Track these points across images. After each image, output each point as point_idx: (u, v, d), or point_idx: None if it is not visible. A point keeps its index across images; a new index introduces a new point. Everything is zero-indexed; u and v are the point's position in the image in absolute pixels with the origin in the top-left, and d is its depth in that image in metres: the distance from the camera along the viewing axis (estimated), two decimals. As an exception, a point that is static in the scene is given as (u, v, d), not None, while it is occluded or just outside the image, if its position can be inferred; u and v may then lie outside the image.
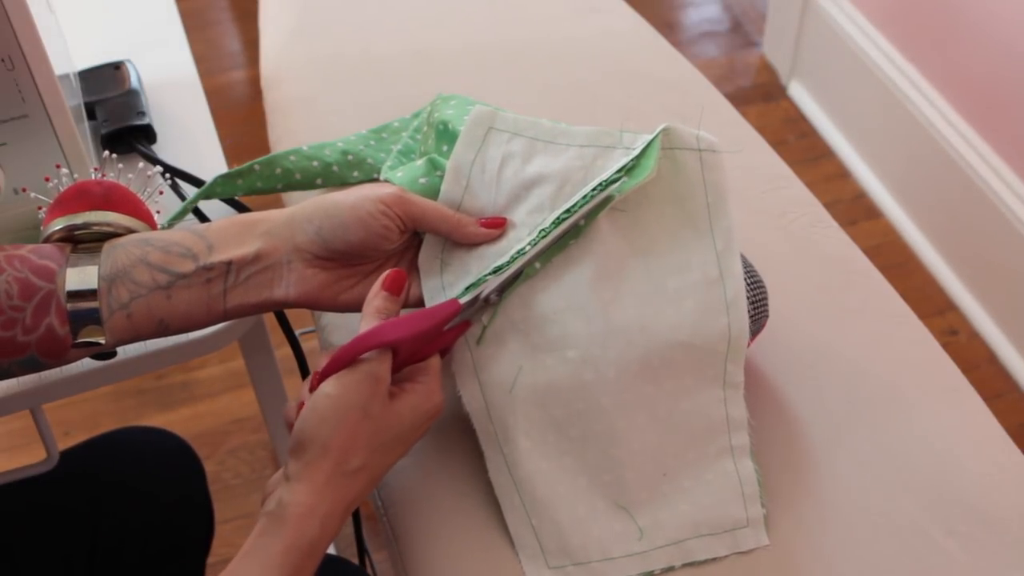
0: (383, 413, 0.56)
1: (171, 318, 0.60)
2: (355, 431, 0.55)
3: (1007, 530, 0.62)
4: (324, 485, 0.54)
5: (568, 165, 0.64)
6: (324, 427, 0.54)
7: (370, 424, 0.55)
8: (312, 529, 0.54)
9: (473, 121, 0.66)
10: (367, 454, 0.56)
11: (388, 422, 0.56)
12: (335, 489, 0.55)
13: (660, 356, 0.62)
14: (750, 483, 0.63)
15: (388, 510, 0.66)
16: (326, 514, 0.54)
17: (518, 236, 0.64)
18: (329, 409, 0.55)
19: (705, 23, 2.26)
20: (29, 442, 1.49)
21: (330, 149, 0.80)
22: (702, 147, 0.64)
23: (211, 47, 2.18)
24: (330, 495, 0.54)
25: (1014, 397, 1.55)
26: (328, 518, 0.54)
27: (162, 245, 0.60)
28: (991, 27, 1.50)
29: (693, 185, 0.64)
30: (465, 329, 0.62)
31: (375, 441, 0.56)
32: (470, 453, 0.64)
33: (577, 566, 0.61)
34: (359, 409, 0.55)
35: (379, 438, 0.56)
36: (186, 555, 0.93)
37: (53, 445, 0.78)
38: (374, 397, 0.56)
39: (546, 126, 0.67)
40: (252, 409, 1.56)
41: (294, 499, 0.54)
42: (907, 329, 0.73)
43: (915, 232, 1.75)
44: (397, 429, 0.57)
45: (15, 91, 0.69)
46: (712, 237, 0.63)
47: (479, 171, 0.65)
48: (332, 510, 0.55)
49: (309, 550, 0.53)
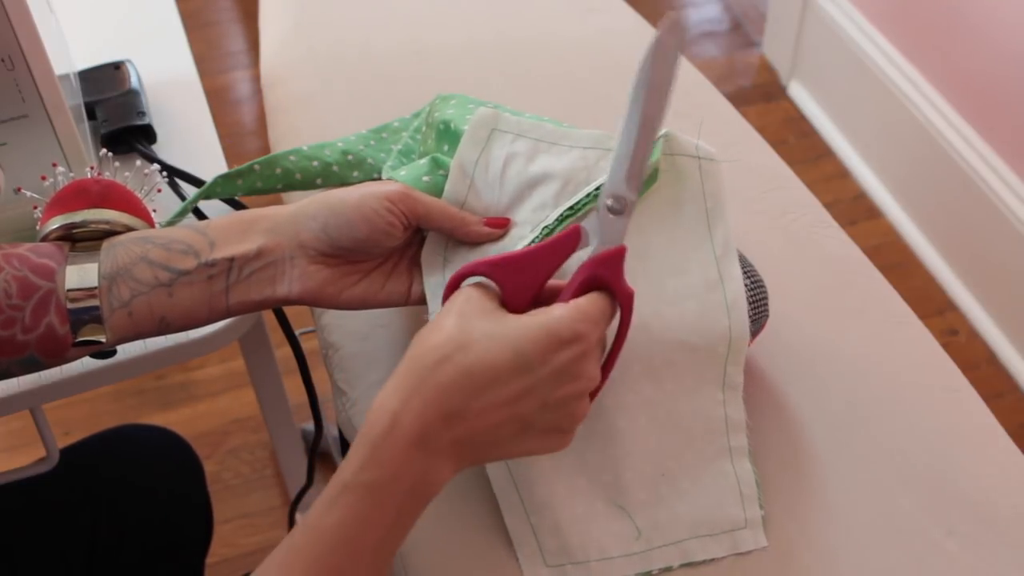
0: (482, 315, 0.52)
1: (172, 315, 0.59)
2: (440, 325, 0.52)
3: (1007, 530, 0.62)
4: (399, 379, 0.51)
5: (571, 165, 0.65)
6: (415, 339, 0.53)
7: (461, 320, 0.52)
8: (380, 423, 0.50)
9: (476, 122, 0.66)
10: (453, 347, 0.51)
11: (486, 324, 0.52)
12: (410, 382, 0.51)
13: (661, 356, 0.62)
14: (748, 484, 0.63)
15: (388, 510, 0.66)
16: (399, 408, 0.50)
17: (521, 233, 0.64)
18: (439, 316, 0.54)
19: (705, 23, 2.26)
20: (29, 442, 1.49)
21: (330, 149, 0.80)
22: (701, 155, 0.64)
23: (211, 47, 2.18)
24: (404, 390, 0.51)
25: (1014, 397, 1.55)
26: (402, 414, 0.50)
27: (163, 243, 0.59)
28: (991, 27, 1.50)
29: (692, 192, 0.64)
30: (621, 254, 0.56)
31: (467, 338, 0.51)
32: (470, 453, 0.64)
33: (575, 565, 0.61)
34: (445, 312, 0.53)
35: (472, 335, 0.51)
36: (184, 553, 0.93)
37: (53, 445, 0.78)
38: (469, 299, 0.53)
39: (549, 128, 0.67)
40: (252, 409, 1.56)
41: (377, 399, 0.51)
42: (907, 329, 0.73)
43: (915, 232, 1.75)
44: (498, 338, 0.51)
45: (15, 91, 0.69)
46: (711, 242, 0.64)
47: (483, 170, 0.65)
48: (407, 405, 0.50)
49: (377, 457, 0.50)
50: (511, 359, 0.51)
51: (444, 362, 0.51)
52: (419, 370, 0.51)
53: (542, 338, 0.51)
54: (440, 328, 0.52)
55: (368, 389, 0.71)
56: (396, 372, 0.52)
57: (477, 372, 0.51)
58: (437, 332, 0.52)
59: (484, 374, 0.51)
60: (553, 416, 0.53)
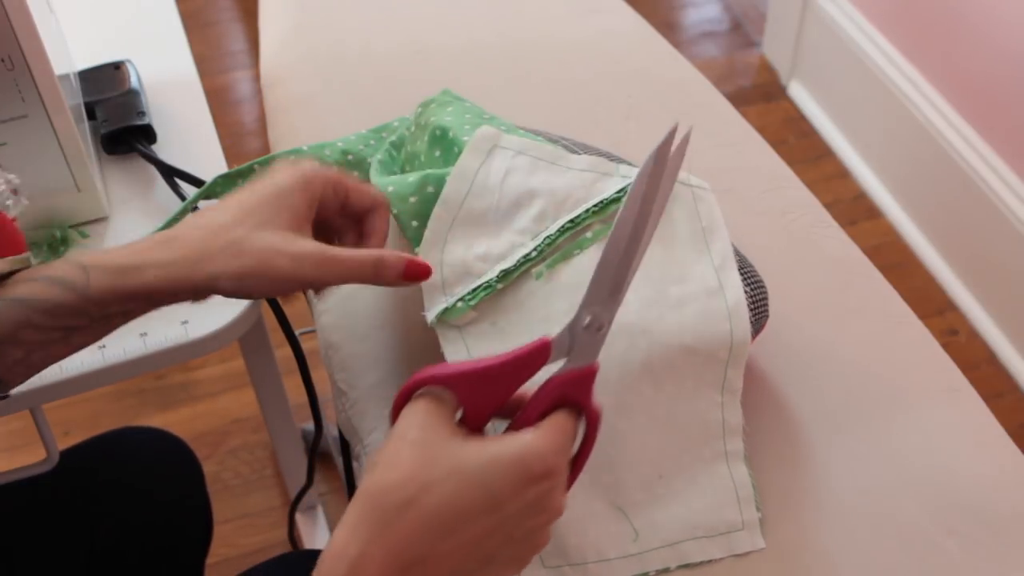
0: (442, 444, 0.48)
1: (74, 350, 0.56)
2: (398, 458, 0.47)
3: (1007, 530, 0.62)
4: (358, 523, 0.46)
5: (569, 184, 0.66)
6: (370, 466, 0.48)
7: (421, 452, 0.47)
8: (338, 572, 0.45)
9: (479, 137, 0.67)
10: (417, 488, 0.46)
11: (450, 457, 0.47)
12: (370, 527, 0.46)
13: (662, 359, 0.62)
14: (744, 487, 0.63)
15: (388, 510, 0.66)
16: (358, 557, 0.45)
17: (521, 241, 0.64)
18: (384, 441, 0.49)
19: (705, 23, 2.26)
20: (29, 442, 1.49)
21: (330, 149, 0.80)
22: (693, 184, 0.66)
23: (211, 47, 2.18)
24: (364, 535, 0.46)
25: (1014, 397, 1.55)
26: (361, 563, 0.45)
27: (45, 307, 0.54)
28: (991, 27, 1.50)
29: (688, 212, 0.66)
30: (593, 373, 0.53)
31: (430, 476, 0.47)
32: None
33: (573, 567, 0.61)
34: (400, 436, 0.48)
35: (436, 472, 0.47)
36: (184, 555, 0.93)
37: (53, 445, 0.78)
38: (425, 424, 0.48)
39: (548, 149, 0.68)
40: (252, 409, 1.56)
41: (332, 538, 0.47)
42: (907, 329, 0.73)
43: (915, 232, 1.75)
44: (466, 475, 0.47)
45: (15, 91, 0.70)
46: (709, 256, 0.65)
47: (483, 176, 0.66)
48: (366, 553, 0.46)
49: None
50: (481, 498, 0.47)
51: (408, 506, 0.46)
52: (380, 513, 0.46)
53: (512, 473, 0.47)
54: (398, 463, 0.47)
55: (368, 389, 0.71)
56: (352, 509, 0.47)
57: (445, 515, 0.46)
58: (395, 468, 0.47)
59: (453, 518, 0.47)
60: (517, 548, 0.49)
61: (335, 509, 1.41)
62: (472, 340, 0.63)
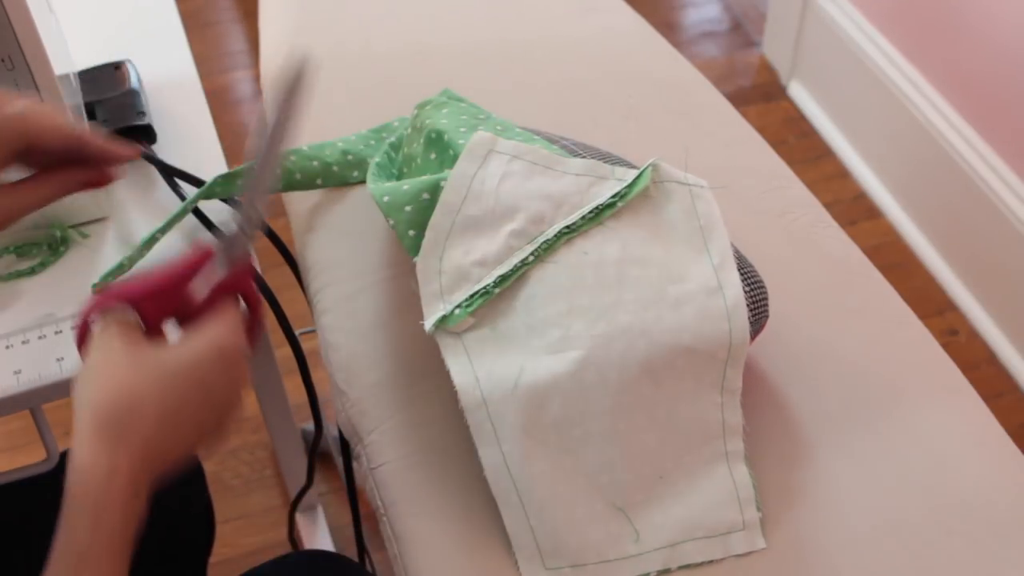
0: (145, 355, 0.54)
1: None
2: (113, 374, 0.53)
3: (1007, 530, 0.62)
4: (95, 438, 0.52)
5: (565, 188, 0.66)
6: (83, 388, 0.54)
7: (132, 364, 0.54)
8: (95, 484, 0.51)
9: (475, 142, 0.68)
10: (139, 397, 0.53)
11: (158, 364, 0.54)
12: (109, 440, 0.51)
13: (661, 359, 0.62)
14: (745, 488, 0.63)
15: (388, 510, 0.66)
16: (108, 466, 0.51)
17: (519, 244, 0.64)
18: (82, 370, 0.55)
19: (705, 23, 2.25)
20: (29, 442, 1.49)
21: (330, 149, 0.80)
22: (691, 182, 0.66)
23: (211, 47, 2.18)
24: (107, 448, 0.51)
25: (1014, 397, 1.55)
26: (112, 473, 0.51)
27: None
28: (991, 27, 1.50)
29: (685, 211, 0.66)
30: (250, 267, 0.61)
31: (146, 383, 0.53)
32: (468, 453, 0.64)
33: (574, 568, 0.61)
34: (105, 357, 0.54)
35: (151, 378, 0.54)
36: (186, 556, 0.93)
37: (53, 445, 0.78)
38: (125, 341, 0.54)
39: (544, 153, 0.68)
40: (252, 409, 1.55)
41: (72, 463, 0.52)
42: (907, 329, 0.73)
43: (915, 232, 1.75)
44: (178, 374, 0.54)
45: (15, 91, 0.69)
46: (708, 255, 0.65)
47: (480, 182, 0.66)
48: (114, 462, 0.51)
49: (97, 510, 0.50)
50: (195, 388, 0.54)
51: (135, 413, 0.52)
52: (114, 425, 0.52)
53: (214, 360, 0.55)
54: (114, 379, 0.53)
55: (368, 389, 0.71)
56: (84, 427, 0.52)
57: (169, 411, 0.53)
58: (113, 384, 0.53)
59: (176, 412, 0.53)
60: (226, 416, 0.57)
61: (335, 509, 1.41)
62: (472, 345, 0.63)
